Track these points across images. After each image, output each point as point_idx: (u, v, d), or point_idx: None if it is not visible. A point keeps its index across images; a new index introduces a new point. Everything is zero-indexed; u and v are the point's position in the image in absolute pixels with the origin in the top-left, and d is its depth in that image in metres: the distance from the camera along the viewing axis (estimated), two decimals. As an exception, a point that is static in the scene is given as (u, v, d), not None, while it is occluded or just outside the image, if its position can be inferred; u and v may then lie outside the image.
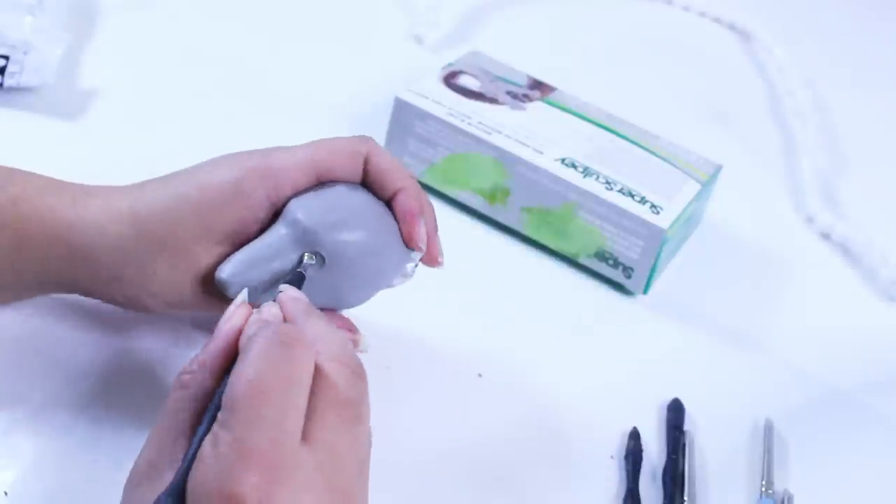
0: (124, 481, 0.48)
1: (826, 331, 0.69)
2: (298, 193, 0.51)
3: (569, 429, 0.57)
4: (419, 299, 0.53)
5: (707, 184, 0.70)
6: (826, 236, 0.77)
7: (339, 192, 0.51)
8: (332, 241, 0.50)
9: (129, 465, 0.49)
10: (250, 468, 0.38)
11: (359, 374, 0.43)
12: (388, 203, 0.53)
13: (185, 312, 0.55)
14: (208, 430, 0.40)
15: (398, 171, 0.53)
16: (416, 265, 0.53)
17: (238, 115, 0.75)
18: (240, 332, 0.44)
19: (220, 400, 0.41)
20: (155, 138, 0.70)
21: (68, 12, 0.76)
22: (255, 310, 0.46)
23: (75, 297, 0.53)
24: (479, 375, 0.59)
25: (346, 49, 0.85)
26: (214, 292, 0.50)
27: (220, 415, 0.40)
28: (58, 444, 0.50)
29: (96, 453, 0.49)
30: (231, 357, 0.43)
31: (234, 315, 0.45)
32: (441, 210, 0.70)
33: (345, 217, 0.50)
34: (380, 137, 0.71)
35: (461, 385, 0.58)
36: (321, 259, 0.50)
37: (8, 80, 0.69)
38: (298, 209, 0.50)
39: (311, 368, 0.41)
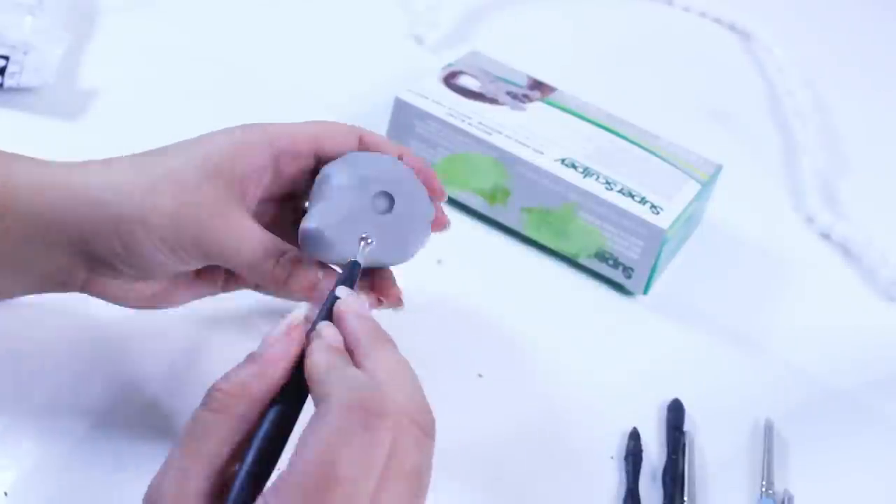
0: (124, 481, 0.48)
1: (826, 331, 0.69)
2: (326, 165, 0.51)
3: (569, 429, 0.57)
4: (419, 299, 0.53)
5: (707, 184, 0.70)
6: (826, 236, 0.77)
7: (372, 155, 0.52)
8: (391, 184, 0.50)
9: (130, 466, 0.49)
10: None
11: (429, 433, 0.39)
12: None
13: (187, 295, 0.53)
14: (247, 486, 0.37)
15: (391, 145, 0.53)
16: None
17: (238, 114, 0.74)
18: (290, 363, 0.40)
19: (260, 451, 0.38)
20: (155, 138, 0.70)
21: (68, 12, 0.76)
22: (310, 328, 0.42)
23: (76, 297, 0.53)
24: (480, 375, 0.59)
25: (346, 49, 0.85)
26: (222, 275, 0.51)
27: (279, 483, 0.36)
28: (58, 444, 0.50)
29: (96, 454, 0.49)
30: (275, 388, 0.40)
31: (284, 340, 0.41)
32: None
33: (389, 168, 0.51)
34: (380, 137, 0.71)
35: (461, 385, 0.58)
36: (389, 201, 0.50)
37: (8, 81, 0.69)
38: (344, 166, 0.51)
39: (389, 446, 0.37)
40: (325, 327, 0.42)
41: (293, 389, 0.41)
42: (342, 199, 0.49)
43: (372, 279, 0.51)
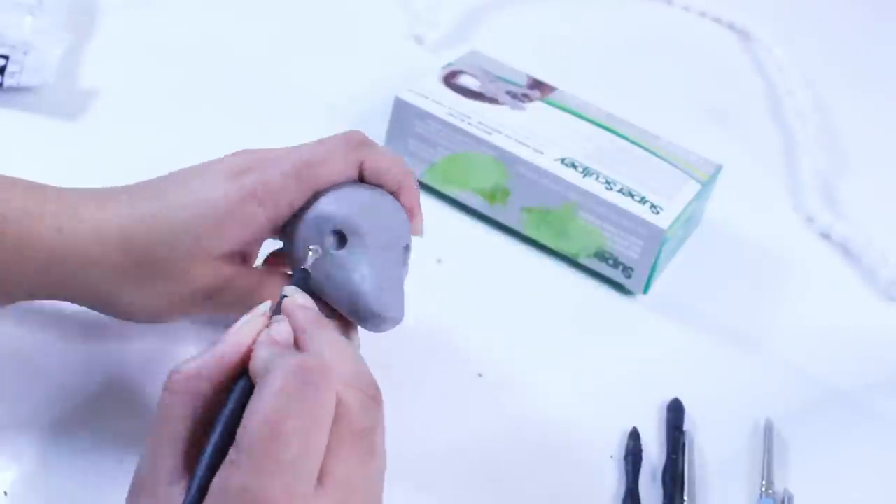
0: (124, 481, 0.48)
1: (826, 331, 0.69)
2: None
3: (569, 429, 0.57)
4: (419, 299, 0.53)
5: (707, 184, 0.70)
6: (826, 236, 0.77)
7: (371, 191, 0.52)
8: (353, 222, 0.50)
9: (129, 465, 0.49)
10: None
11: (375, 398, 0.41)
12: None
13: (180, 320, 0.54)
14: (213, 460, 0.38)
15: (395, 168, 0.52)
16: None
17: (238, 114, 0.75)
18: (248, 347, 0.42)
19: (225, 426, 0.39)
20: (155, 138, 0.70)
21: (68, 12, 0.76)
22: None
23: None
24: (479, 375, 0.59)
25: (346, 49, 0.85)
26: (211, 300, 0.50)
27: (232, 451, 0.37)
28: (58, 444, 0.50)
29: (96, 453, 0.49)
30: (234, 370, 0.41)
31: (246, 327, 0.43)
32: (441, 210, 0.71)
33: (372, 208, 0.51)
34: (380, 137, 0.71)
35: (461, 385, 0.58)
36: (341, 239, 0.50)
37: (8, 80, 0.69)
38: (330, 196, 0.50)
39: (334, 405, 0.39)
40: (277, 322, 0.43)
41: None
42: (300, 238, 0.50)
43: None
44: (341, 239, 0.50)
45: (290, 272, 0.53)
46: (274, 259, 0.55)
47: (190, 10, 0.84)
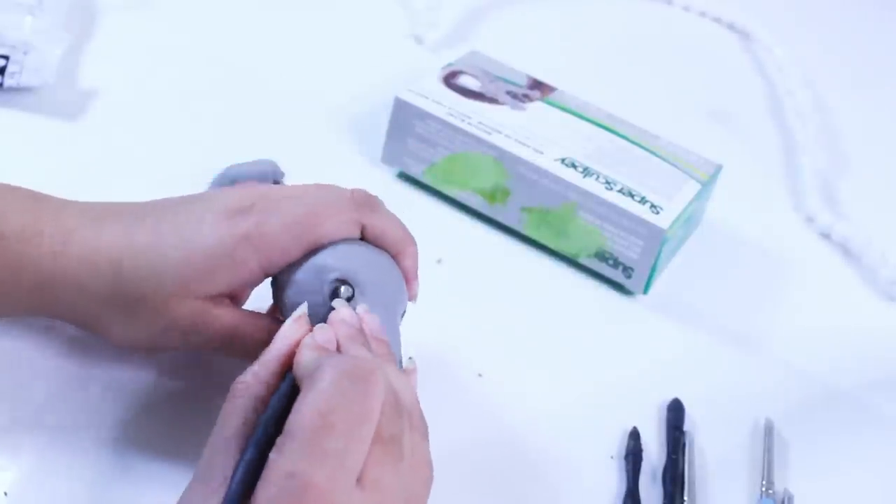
0: (124, 482, 0.49)
1: (826, 331, 0.69)
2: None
3: (569, 429, 0.57)
4: (419, 299, 0.53)
5: (707, 184, 0.70)
6: (826, 236, 0.77)
7: (375, 250, 0.51)
8: (362, 278, 0.49)
9: (131, 465, 0.49)
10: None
11: (399, 411, 0.42)
12: None
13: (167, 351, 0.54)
14: (261, 445, 0.39)
15: (397, 232, 0.52)
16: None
17: (238, 114, 0.75)
18: (292, 350, 0.44)
19: (274, 413, 0.41)
20: (155, 138, 0.70)
21: (68, 12, 0.76)
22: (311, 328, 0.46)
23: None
24: (480, 375, 0.59)
25: (346, 49, 0.85)
26: (196, 337, 0.49)
27: (280, 440, 0.39)
28: (58, 444, 0.50)
29: (97, 453, 0.49)
30: (281, 370, 0.43)
31: (291, 332, 0.45)
32: (441, 210, 0.71)
33: (378, 268, 0.50)
34: (380, 137, 0.71)
35: (461, 385, 0.58)
36: (351, 296, 0.49)
37: (8, 80, 0.69)
38: (338, 247, 0.49)
39: (380, 406, 0.40)
40: (321, 329, 0.45)
41: None
42: (298, 284, 0.49)
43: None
44: (343, 291, 0.49)
45: (279, 317, 0.51)
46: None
47: (190, 10, 0.84)
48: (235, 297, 0.52)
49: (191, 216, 0.49)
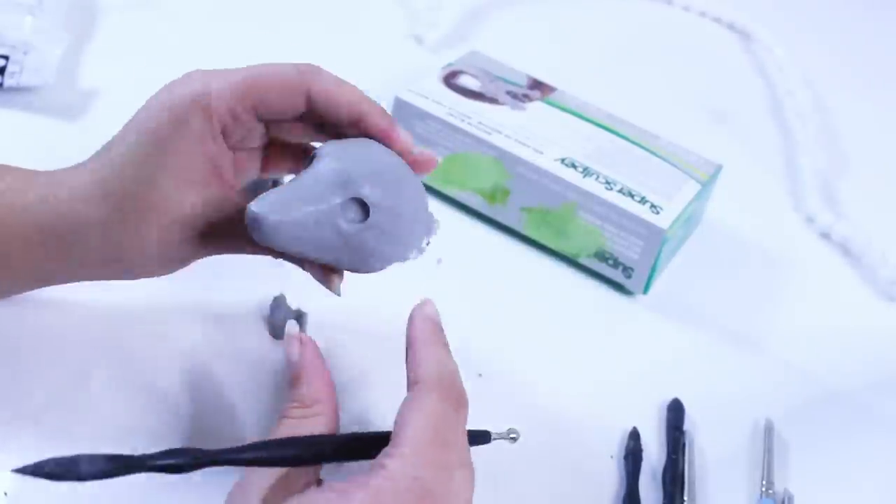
0: (124, 481, 0.48)
1: (826, 331, 0.69)
2: (328, 142, 0.49)
3: (569, 429, 0.57)
4: (419, 299, 0.53)
5: (707, 184, 0.70)
6: (826, 236, 0.77)
7: (372, 147, 0.48)
8: (373, 191, 0.46)
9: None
10: None
11: (462, 403, 0.45)
12: (350, 129, 0.49)
13: (190, 263, 0.53)
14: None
15: (350, 98, 0.49)
16: (429, 242, 0.51)
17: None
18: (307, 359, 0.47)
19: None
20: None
21: (68, 12, 0.76)
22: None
23: (75, 296, 0.53)
24: (480, 375, 0.59)
25: (346, 49, 0.85)
26: (216, 237, 0.48)
27: (394, 445, 0.42)
28: (58, 444, 0.49)
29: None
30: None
31: (295, 347, 0.47)
32: (441, 210, 0.71)
33: (383, 170, 0.47)
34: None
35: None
36: (363, 212, 0.46)
37: (8, 80, 0.69)
38: (335, 155, 0.47)
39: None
40: (427, 303, 0.49)
41: None
42: (303, 192, 0.46)
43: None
44: (357, 206, 0.47)
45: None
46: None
47: (190, 10, 0.84)
48: (226, 180, 0.50)
49: (145, 110, 0.49)
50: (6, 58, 0.68)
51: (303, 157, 0.53)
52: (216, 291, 0.58)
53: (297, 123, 0.51)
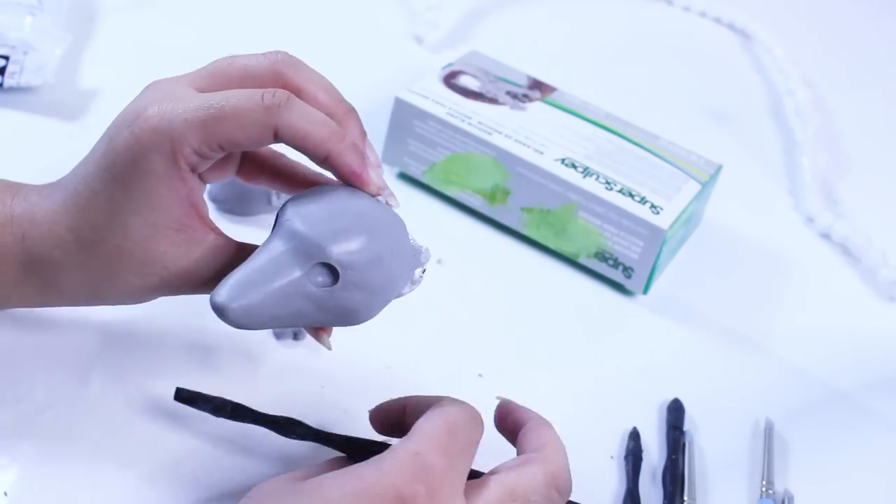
0: (125, 481, 0.48)
1: (826, 331, 0.69)
2: (292, 197, 0.47)
3: (569, 429, 0.57)
4: (419, 299, 0.53)
5: (707, 184, 0.70)
6: (826, 236, 0.77)
7: (337, 195, 0.47)
8: (338, 252, 0.44)
9: (131, 464, 0.49)
10: (422, 481, 0.41)
11: (560, 492, 0.47)
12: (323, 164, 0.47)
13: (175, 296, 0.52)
14: None
15: (317, 137, 0.46)
16: (425, 270, 0.49)
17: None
18: None
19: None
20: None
21: (68, 12, 0.76)
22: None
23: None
24: (480, 375, 0.59)
25: (346, 49, 0.85)
26: (196, 276, 0.47)
27: (409, 434, 0.44)
28: (58, 444, 0.49)
29: (97, 453, 0.49)
30: None
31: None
32: (441, 210, 0.71)
33: (349, 223, 0.45)
34: (380, 137, 0.71)
35: (461, 385, 0.58)
36: (332, 274, 0.45)
37: (8, 80, 0.69)
38: (296, 217, 0.45)
39: (477, 446, 0.46)
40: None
41: None
42: (265, 268, 0.44)
43: None
44: (325, 269, 0.45)
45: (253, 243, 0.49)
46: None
47: (190, 10, 0.84)
48: (204, 224, 0.48)
49: (106, 148, 0.46)
50: (6, 58, 0.68)
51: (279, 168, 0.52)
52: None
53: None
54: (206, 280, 0.48)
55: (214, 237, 0.48)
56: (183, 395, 0.50)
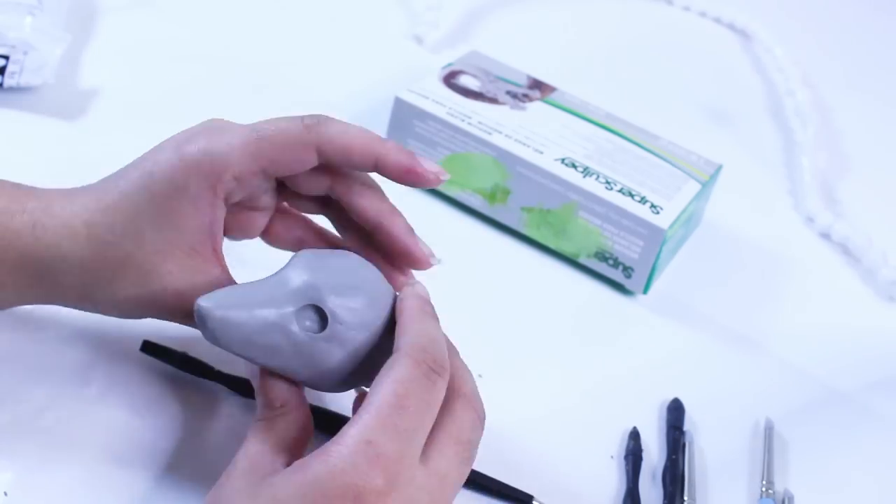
0: (125, 481, 0.48)
1: (826, 331, 0.69)
2: (309, 249, 0.48)
3: (569, 429, 0.57)
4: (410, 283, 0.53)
5: (707, 184, 0.70)
6: (826, 236, 0.77)
7: (349, 259, 0.48)
8: (335, 302, 0.45)
9: (131, 464, 0.49)
10: (378, 471, 0.41)
11: (482, 419, 0.46)
12: (368, 172, 0.49)
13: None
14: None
15: (361, 142, 0.48)
16: None
17: (238, 115, 0.74)
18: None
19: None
20: (155, 138, 0.70)
21: (68, 12, 0.76)
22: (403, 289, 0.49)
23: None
24: (479, 376, 0.59)
25: (346, 49, 0.85)
26: (181, 305, 0.47)
27: (360, 411, 0.42)
28: (58, 444, 0.49)
29: (97, 453, 0.49)
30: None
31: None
32: (441, 210, 0.71)
33: (355, 284, 0.46)
34: (380, 137, 0.71)
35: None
36: (321, 321, 0.45)
37: (8, 80, 0.69)
38: (306, 262, 0.46)
39: (441, 401, 0.44)
40: (417, 284, 0.50)
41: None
42: (258, 294, 0.45)
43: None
44: (316, 315, 0.45)
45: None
46: None
47: (190, 10, 0.84)
48: (218, 254, 0.49)
49: (146, 161, 0.47)
50: (6, 58, 0.68)
51: (307, 231, 0.53)
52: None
53: (308, 175, 0.50)
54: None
55: (220, 272, 0.48)
56: (149, 348, 0.53)
